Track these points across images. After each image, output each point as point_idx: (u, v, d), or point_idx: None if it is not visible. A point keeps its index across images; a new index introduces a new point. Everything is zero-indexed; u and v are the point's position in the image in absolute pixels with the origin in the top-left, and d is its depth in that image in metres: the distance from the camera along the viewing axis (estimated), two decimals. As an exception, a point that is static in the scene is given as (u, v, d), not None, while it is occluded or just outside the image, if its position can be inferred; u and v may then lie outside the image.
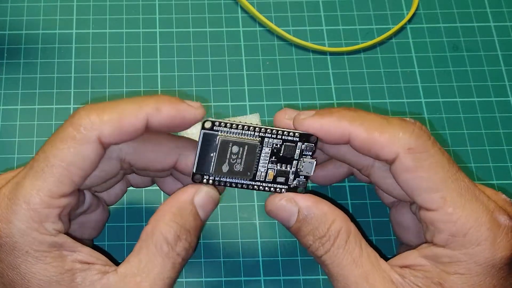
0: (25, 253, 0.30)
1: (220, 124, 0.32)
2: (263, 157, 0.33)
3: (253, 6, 0.49)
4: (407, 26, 0.49)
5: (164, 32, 0.48)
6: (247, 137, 0.32)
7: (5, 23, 0.48)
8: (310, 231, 0.32)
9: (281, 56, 0.47)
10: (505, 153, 0.44)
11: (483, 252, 0.30)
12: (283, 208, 0.33)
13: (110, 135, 0.30)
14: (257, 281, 0.40)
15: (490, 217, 0.31)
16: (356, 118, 0.32)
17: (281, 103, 0.45)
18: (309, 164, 0.33)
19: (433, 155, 0.31)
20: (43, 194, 0.30)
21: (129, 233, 0.40)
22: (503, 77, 0.47)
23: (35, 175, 0.30)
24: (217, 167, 0.32)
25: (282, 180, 0.33)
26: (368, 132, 0.31)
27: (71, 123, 0.31)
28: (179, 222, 0.31)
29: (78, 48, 0.47)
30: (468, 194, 0.31)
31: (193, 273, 0.40)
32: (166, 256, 0.31)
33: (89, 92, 0.45)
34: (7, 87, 0.45)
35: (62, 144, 0.30)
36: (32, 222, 0.30)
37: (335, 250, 0.31)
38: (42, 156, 0.31)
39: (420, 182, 0.31)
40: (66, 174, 0.30)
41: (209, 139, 0.32)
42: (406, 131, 0.31)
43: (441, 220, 0.31)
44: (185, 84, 0.46)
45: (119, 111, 0.31)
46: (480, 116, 0.45)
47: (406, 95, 0.46)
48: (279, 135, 0.33)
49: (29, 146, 0.43)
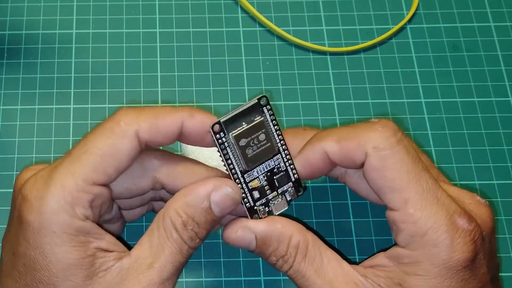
0: (52, 233, 0.30)
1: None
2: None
3: (253, 6, 0.49)
4: (407, 26, 0.49)
5: (164, 32, 0.48)
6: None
7: (5, 23, 0.48)
8: (272, 252, 0.33)
9: (281, 56, 0.47)
10: (505, 153, 0.44)
11: (439, 254, 0.31)
12: (240, 239, 0.33)
13: (147, 132, 0.32)
14: (257, 281, 0.40)
15: (449, 219, 0.31)
16: (325, 136, 0.33)
17: (281, 103, 0.45)
18: (281, 204, 0.34)
19: (397, 153, 0.32)
20: (78, 177, 0.31)
21: (129, 233, 0.40)
22: (503, 77, 0.47)
23: (72, 160, 0.31)
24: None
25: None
26: (339, 143, 0.33)
27: (112, 118, 0.32)
28: (188, 213, 0.32)
29: (78, 48, 0.47)
30: (429, 196, 0.31)
31: (193, 273, 0.40)
32: (175, 241, 0.32)
33: (89, 92, 0.45)
34: (7, 87, 0.45)
35: (101, 135, 0.32)
36: (64, 203, 0.31)
37: (297, 265, 0.32)
38: (81, 144, 0.32)
39: (385, 181, 0.32)
40: (101, 162, 0.31)
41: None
42: (370, 130, 0.32)
43: (402, 220, 0.31)
44: (185, 84, 0.46)
45: (156, 112, 0.32)
46: (480, 116, 0.45)
47: (406, 95, 0.46)
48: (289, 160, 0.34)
49: (29, 146, 0.43)
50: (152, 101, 0.45)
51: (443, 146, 0.44)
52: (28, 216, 0.31)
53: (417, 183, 0.31)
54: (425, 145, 0.44)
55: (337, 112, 0.45)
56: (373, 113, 0.45)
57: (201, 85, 0.46)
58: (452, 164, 0.44)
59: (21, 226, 0.31)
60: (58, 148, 0.43)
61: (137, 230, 0.41)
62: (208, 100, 0.45)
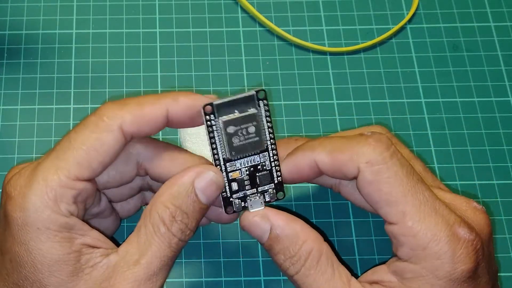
0: (36, 230, 0.30)
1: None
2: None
3: (253, 6, 0.49)
4: (407, 26, 0.49)
5: (164, 32, 0.48)
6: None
7: (5, 23, 0.48)
8: (281, 249, 0.32)
9: (281, 56, 0.47)
10: (505, 153, 0.44)
11: (443, 266, 0.30)
12: (256, 225, 0.33)
13: (132, 123, 0.31)
14: (257, 281, 0.40)
15: (450, 230, 0.31)
16: (317, 146, 0.33)
17: (281, 103, 0.45)
18: (257, 202, 0.33)
19: (391, 167, 0.31)
20: (61, 173, 0.31)
21: (130, 233, 0.40)
22: (503, 77, 0.47)
23: (56, 156, 0.31)
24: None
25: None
26: (330, 155, 0.32)
27: (95, 114, 0.32)
28: (176, 204, 0.32)
29: (78, 48, 0.47)
30: (427, 208, 0.31)
31: (193, 273, 0.40)
32: (163, 236, 0.31)
33: (89, 92, 0.45)
34: (7, 87, 0.45)
35: (85, 129, 0.31)
36: (47, 199, 0.30)
37: (306, 271, 0.32)
38: (65, 139, 0.32)
39: (380, 195, 0.31)
40: (86, 157, 0.31)
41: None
42: (363, 145, 0.32)
43: (402, 234, 0.31)
44: (185, 84, 0.46)
45: (140, 102, 0.32)
46: (480, 116, 0.45)
47: (406, 95, 0.46)
48: (275, 156, 0.33)
49: (29, 146, 0.43)
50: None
51: (443, 146, 0.44)
52: (12, 213, 0.31)
53: (413, 196, 0.31)
54: (425, 145, 0.44)
55: (337, 112, 0.45)
56: (373, 113, 0.45)
57: (201, 85, 0.46)
58: (452, 164, 0.44)
59: (7, 223, 0.31)
60: (58, 148, 0.43)
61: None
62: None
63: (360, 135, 0.32)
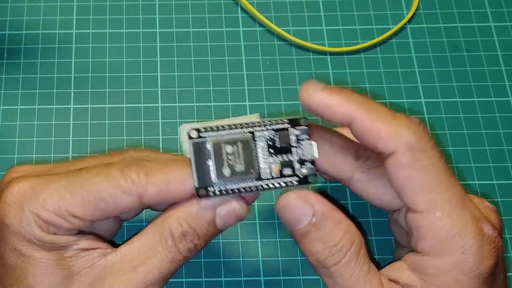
0: (28, 240, 0.30)
1: (206, 129, 0.31)
2: (261, 152, 0.31)
3: (253, 6, 0.49)
4: (407, 26, 0.49)
5: (164, 32, 0.48)
6: (238, 135, 0.31)
7: (5, 23, 0.48)
8: (321, 237, 0.30)
9: (281, 56, 0.47)
10: (505, 153, 0.44)
11: (467, 261, 0.30)
12: (297, 207, 0.31)
13: (153, 197, 0.30)
14: (257, 281, 0.40)
15: (476, 226, 0.30)
16: (362, 104, 0.31)
17: (281, 103, 0.45)
18: (309, 147, 0.31)
19: (431, 157, 0.30)
20: (63, 205, 0.30)
21: (130, 233, 0.40)
22: (503, 77, 0.47)
23: (67, 187, 0.30)
24: (218, 172, 0.31)
25: (289, 172, 0.31)
26: (372, 121, 0.30)
27: (122, 169, 0.30)
28: (191, 223, 0.31)
29: (78, 48, 0.47)
30: (457, 201, 0.30)
31: (193, 273, 0.40)
32: (168, 250, 0.31)
33: (89, 92, 0.45)
34: (7, 87, 0.45)
35: (106, 180, 0.30)
36: (40, 220, 0.30)
37: (346, 263, 0.30)
38: (83, 175, 0.31)
39: (413, 180, 0.30)
40: (93, 205, 0.30)
41: (200, 147, 0.31)
42: (409, 128, 0.30)
43: (427, 224, 0.30)
44: (185, 84, 0.46)
45: (168, 175, 0.31)
46: (480, 116, 0.45)
47: (406, 95, 0.46)
48: (268, 125, 0.32)
49: (29, 146, 0.43)
50: (152, 101, 0.45)
51: (443, 146, 0.44)
52: (5, 220, 0.30)
53: (446, 187, 0.30)
54: (425, 145, 0.44)
55: (337, 112, 0.45)
56: (373, 113, 0.45)
57: (201, 85, 0.46)
58: (452, 164, 0.44)
59: (0, 227, 0.31)
60: (58, 148, 0.43)
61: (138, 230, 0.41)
62: (208, 100, 0.45)
63: (408, 117, 0.31)
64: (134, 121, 0.44)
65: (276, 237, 0.41)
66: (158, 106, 0.45)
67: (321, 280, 0.40)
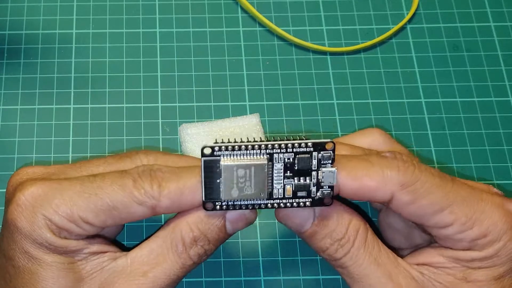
0: (39, 243, 0.30)
1: (221, 148, 0.29)
2: (276, 174, 0.30)
3: (253, 6, 0.49)
4: (407, 26, 0.49)
5: (164, 32, 0.48)
6: (253, 157, 0.30)
7: (5, 23, 0.48)
8: (327, 234, 0.31)
9: (281, 56, 0.47)
10: (505, 153, 0.44)
11: (505, 245, 0.31)
12: (296, 213, 0.32)
13: (166, 209, 0.31)
14: (257, 281, 0.40)
15: (502, 210, 0.31)
16: (340, 167, 0.31)
17: (281, 103, 0.45)
18: (329, 174, 0.30)
19: (425, 181, 0.31)
20: (76, 211, 0.30)
21: (129, 233, 0.40)
22: (503, 77, 0.47)
23: (81, 194, 0.30)
24: (226, 193, 0.30)
25: (303, 194, 0.31)
26: (357, 180, 0.31)
27: (136, 180, 0.31)
28: (201, 228, 0.31)
29: (78, 48, 0.47)
30: (472, 199, 0.31)
31: (193, 273, 0.40)
32: (179, 256, 0.31)
33: (89, 92, 0.45)
34: (7, 87, 0.45)
35: (120, 189, 0.30)
36: (52, 224, 0.30)
37: (355, 251, 0.31)
38: (98, 183, 0.31)
39: (424, 209, 0.31)
40: (106, 212, 0.30)
41: (211, 165, 0.30)
42: (392, 169, 0.31)
43: (459, 232, 0.31)
44: (185, 84, 0.46)
45: (181, 187, 0.31)
46: (480, 116, 0.45)
47: (406, 95, 0.46)
48: (289, 149, 0.30)
49: (29, 146, 0.43)
50: (152, 101, 0.45)
51: (443, 146, 0.44)
52: (17, 222, 0.30)
53: (455, 194, 0.31)
54: (425, 145, 0.44)
55: (337, 112, 0.45)
56: (373, 113, 0.45)
57: (201, 85, 0.46)
58: (452, 164, 0.44)
59: (11, 228, 0.31)
60: (58, 148, 0.43)
61: (138, 230, 0.41)
62: (208, 100, 0.45)
63: (383, 157, 0.31)
64: (134, 121, 0.44)
65: (276, 237, 0.41)
66: (158, 106, 0.45)
67: (321, 280, 0.40)
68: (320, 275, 0.40)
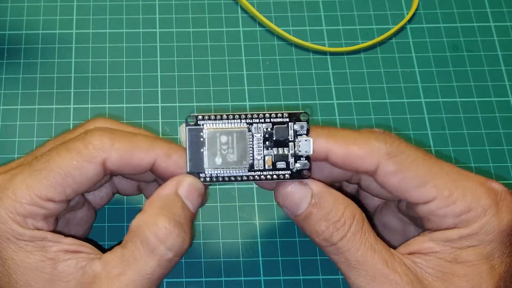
0: (6, 240, 0.30)
1: (204, 117, 0.31)
2: (256, 144, 0.32)
3: (253, 6, 0.49)
4: (407, 26, 0.49)
5: (164, 32, 0.48)
6: (234, 126, 0.32)
7: (5, 23, 0.48)
8: (323, 215, 0.31)
9: (281, 56, 0.47)
10: (505, 153, 0.44)
11: (490, 221, 0.31)
12: (295, 191, 0.32)
13: (116, 163, 0.31)
14: (257, 281, 0.40)
15: (485, 186, 0.31)
16: (330, 135, 0.32)
17: (281, 103, 0.45)
18: (305, 143, 0.32)
19: (410, 154, 0.31)
20: (33, 192, 0.30)
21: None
22: (503, 77, 0.47)
23: (31, 173, 0.30)
24: (210, 161, 0.31)
25: (283, 166, 0.32)
26: (345, 147, 0.31)
27: (83, 138, 0.31)
28: (167, 214, 0.30)
29: (78, 48, 0.47)
30: (456, 174, 0.31)
31: (193, 273, 0.40)
32: (152, 252, 0.30)
33: (89, 92, 0.45)
34: (7, 87, 0.45)
35: (67, 153, 0.30)
36: (15, 213, 0.30)
37: (351, 236, 0.31)
38: (44, 158, 0.31)
39: (407, 181, 0.31)
40: (61, 182, 0.30)
41: (195, 134, 0.31)
42: (380, 140, 0.31)
43: (442, 206, 0.31)
44: (185, 84, 0.46)
45: (132, 142, 0.31)
46: (480, 116, 0.45)
47: (406, 95, 0.46)
48: (267, 118, 0.32)
49: (29, 146, 0.43)
50: (152, 101, 0.45)
51: (443, 146, 0.44)
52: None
53: (438, 169, 0.31)
54: (425, 145, 0.44)
55: (337, 112, 0.45)
56: (373, 113, 0.45)
57: (201, 85, 0.46)
58: (452, 164, 0.44)
59: None
60: (58, 148, 0.43)
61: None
62: (208, 100, 0.45)
63: (372, 131, 0.32)
64: (134, 121, 0.44)
65: (276, 237, 0.41)
66: (158, 106, 0.45)
67: (321, 280, 0.40)
68: (320, 275, 0.40)
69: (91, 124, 0.33)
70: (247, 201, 0.42)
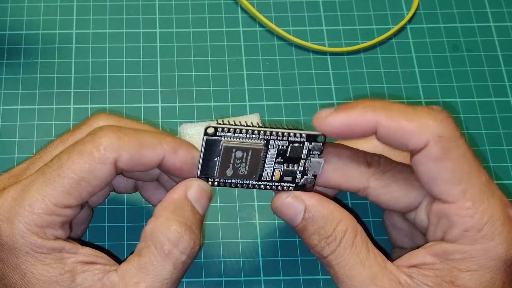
0: (25, 254, 0.30)
1: (223, 129, 0.31)
2: (268, 158, 0.32)
3: (253, 6, 0.49)
4: (407, 26, 0.49)
5: (164, 32, 0.48)
6: (251, 141, 0.32)
7: (5, 23, 0.48)
8: (316, 230, 0.31)
9: (281, 56, 0.47)
10: (505, 153, 0.44)
11: (496, 247, 0.30)
12: (289, 206, 0.32)
13: (127, 163, 0.31)
14: (257, 281, 0.40)
15: (504, 211, 0.30)
16: (380, 108, 0.30)
17: (281, 103, 0.45)
18: (317, 164, 0.32)
19: (460, 146, 0.30)
20: (49, 201, 0.30)
21: (129, 233, 0.40)
22: (503, 77, 0.47)
23: (45, 182, 0.30)
24: (221, 171, 0.32)
25: (289, 179, 0.33)
26: (396, 121, 0.30)
27: (93, 140, 0.31)
28: (179, 219, 0.31)
29: (78, 48, 0.47)
30: (487, 190, 0.30)
31: (193, 273, 0.40)
32: (167, 256, 0.30)
33: (89, 92, 0.45)
34: (7, 87, 0.45)
35: (79, 158, 0.30)
36: (33, 225, 0.30)
37: (341, 251, 0.31)
38: (56, 164, 0.31)
39: (444, 172, 0.30)
40: (76, 187, 0.30)
41: (212, 144, 0.31)
42: (435, 119, 0.30)
43: (458, 214, 0.30)
44: (185, 84, 0.46)
45: (140, 140, 0.31)
46: (480, 116, 0.45)
47: (406, 95, 0.46)
48: (285, 137, 0.32)
49: (29, 146, 0.43)
50: (152, 101, 0.45)
51: (443, 146, 0.44)
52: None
53: (477, 177, 0.30)
54: (425, 145, 0.44)
55: (337, 112, 0.45)
56: (373, 113, 0.45)
57: (201, 85, 0.46)
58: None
59: None
60: (58, 148, 0.43)
61: (138, 230, 0.41)
62: (208, 100, 0.45)
63: (430, 108, 0.31)
64: (134, 121, 0.44)
65: (276, 237, 0.41)
66: (158, 106, 0.45)
67: (321, 280, 0.40)
68: (320, 275, 0.40)
69: (93, 122, 0.33)
70: (247, 201, 0.42)
